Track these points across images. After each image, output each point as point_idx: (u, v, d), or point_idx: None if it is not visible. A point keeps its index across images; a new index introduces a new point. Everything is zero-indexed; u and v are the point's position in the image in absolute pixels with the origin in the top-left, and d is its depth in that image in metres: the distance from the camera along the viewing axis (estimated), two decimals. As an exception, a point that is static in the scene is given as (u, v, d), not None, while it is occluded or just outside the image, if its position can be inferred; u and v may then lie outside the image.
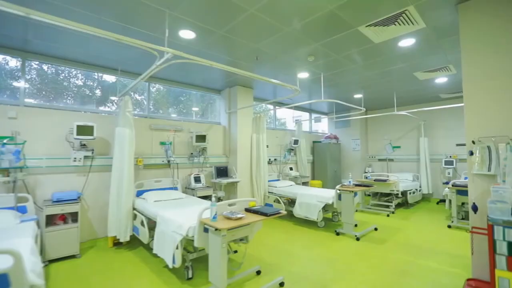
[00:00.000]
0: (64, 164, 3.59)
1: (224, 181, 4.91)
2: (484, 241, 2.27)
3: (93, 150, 3.75)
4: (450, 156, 6.76)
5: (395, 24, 2.95)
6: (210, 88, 5.66)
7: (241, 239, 2.78)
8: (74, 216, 3.36)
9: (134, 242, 3.80)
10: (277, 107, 6.95)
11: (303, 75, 4.69)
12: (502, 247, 1.87)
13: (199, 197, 4.44)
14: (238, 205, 2.77)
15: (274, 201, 5.28)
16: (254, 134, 5.57)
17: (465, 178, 6.23)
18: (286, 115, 7.90)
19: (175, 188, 4.48)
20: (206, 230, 2.40)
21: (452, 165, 6.58)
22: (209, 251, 2.34)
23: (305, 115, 8.21)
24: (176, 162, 4.72)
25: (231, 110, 5.52)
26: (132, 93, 4.79)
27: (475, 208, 2.31)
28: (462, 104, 5.12)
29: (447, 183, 6.62)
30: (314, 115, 8.44)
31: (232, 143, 5.46)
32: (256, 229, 2.87)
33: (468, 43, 2.49)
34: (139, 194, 4.05)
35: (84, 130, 3.53)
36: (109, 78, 4.44)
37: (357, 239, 3.94)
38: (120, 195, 3.56)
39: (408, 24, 2.95)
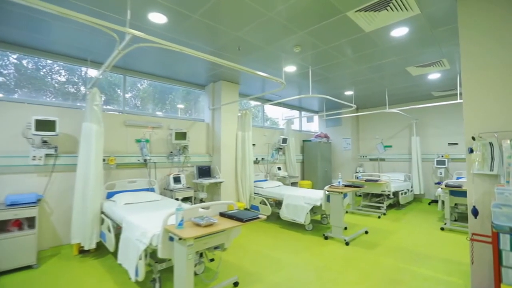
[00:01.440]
0: (22, 163, 3.20)
1: (206, 181, 4.59)
2: (486, 250, 2.03)
3: (56, 147, 3.37)
4: (442, 156, 6.59)
5: (387, 10, 2.69)
6: (194, 84, 5.33)
7: (216, 247, 2.47)
8: (31, 222, 2.98)
9: (103, 249, 3.45)
10: (262, 103, 6.65)
11: (290, 68, 4.41)
12: (509, 259, 1.62)
13: (177, 199, 4.11)
14: (213, 208, 2.46)
15: (260, 203, 4.99)
16: (240, 132, 5.26)
17: (457, 178, 6.07)
18: (278, 114, 7.62)
19: (152, 190, 4.14)
20: (172, 238, 2.08)
21: (444, 165, 6.42)
22: (174, 263, 2.02)
23: (298, 114, 7.95)
24: (154, 161, 4.37)
25: (215, 106, 5.19)
26: (117, 89, 4.43)
27: (475, 212, 2.06)
28: (455, 101, 4.96)
29: (439, 183, 6.45)
30: (304, 114, 8.18)
31: (216, 141, 5.14)
32: (233, 235, 2.57)
33: (467, 30, 2.25)
34: (110, 196, 3.69)
35: (44, 125, 3.16)
36: (82, 70, 4.07)
37: (347, 243, 3.68)
38: (86, 197, 3.19)
39: (401, 10, 2.69)
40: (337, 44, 3.49)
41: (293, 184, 6.44)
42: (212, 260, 2.93)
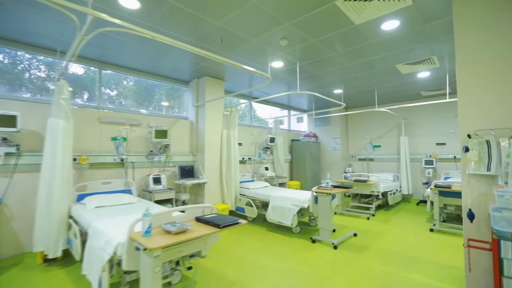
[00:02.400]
0: (-23, 163, 2.88)
1: (189, 182, 4.33)
2: (483, 256, 1.88)
3: (18, 145, 3.06)
4: (430, 156, 6.56)
5: (378, -1, 2.52)
6: (177, 80, 5.07)
7: (191, 256, 2.24)
8: (-14, 228, 2.67)
9: (71, 257, 3.14)
10: (247, 100, 6.44)
11: (277, 64, 4.21)
12: (511, 268, 1.46)
13: (156, 201, 3.85)
14: (189, 212, 2.23)
15: (246, 204, 4.77)
16: (225, 130, 5.03)
17: (445, 178, 6.04)
18: (267, 114, 7.42)
19: (129, 191, 3.85)
20: (138, 248, 1.83)
21: (432, 165, 6.38)
22: (140, 276, 1.78)
23: (287, 114, 7.78)
24: (132, 160, 4.09)
25: (199, 103, 4.94)
26: (102, 88, 4.12)
27: (471, 216, 1.90)
28: (445, 100, 4.90)
29: (427, 183, 6.41)
30: (293, 113, 8.01)
31: (200, 140, 4.89)
32: (211, 242, 2.35)
33: (462, 22, 2.10)
34: (80, 198, 3.39)
35: (3, 120, 2.84)
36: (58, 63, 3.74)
37: (335, 247, 3.51)
38: (51, 201, 2.89)
39: (393, 0, 2.53)
40: (326, 38, 3.31)
41: (281, 184, 6.25)
42: (189, 268, 2.69)
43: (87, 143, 3.70)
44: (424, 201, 6.45)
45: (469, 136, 1.97)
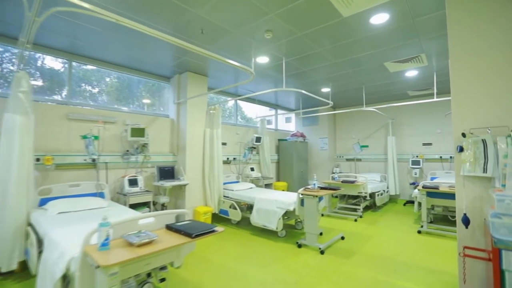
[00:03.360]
0: None
1: (168, 184, 4.06)
2: (479, 265, 1.73)
3: (-32, 144, 2.71)
4: (417, 156, 6.53)
5: (367, -11, 2.36)
6: (158, 75, 4.78)
7: (162, 268, 2.00)
8: None
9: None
10: (234, 99, 6.22)
11: (263, 59, 4.01)
12: (514, 282, 1.31)
13: (132, 205, 3.56)
14: (159, 219, 1.98)
15: (230, 207, 4.54)
16: (208, 129, 4.78)
17: (431, 178, 6.01)
18: (255, 113, 7.19)
19: (100, 195, 3.55)
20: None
21: (419, 165, 6.35)
22: (95, 297, 1.52)
23: (274, 113, 7.59)
24: (105, 161, 3.78)
25: (180, 100, 4.67)
26: (83, 84, 3.80)
27: (466, 221, 1.76)
28: (432, 100, 4.84)
29: (414, 183, 6.38)
30: (280, 112, 7.84)
31: (181, 139, 4.63)
32: (186, 251, 2.11)
33: (455, 11, 1.96)
34: (43, 203, 3.07)
35: (-51, 115, 2.49)
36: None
37: (322, 252, 3.33)
38: (5, 206, 2.57)
39: (383, -10, 2.38)
40: (313, 32, 3.13)
41: (268, 185, 6.06)
42: (162, 280, 2.44)
43: (53, 141, 3.37)
44: (411, 202, 6.41)
45: (463, 134, 1.83)
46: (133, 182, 3.86)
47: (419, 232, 4.21)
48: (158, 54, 3.82)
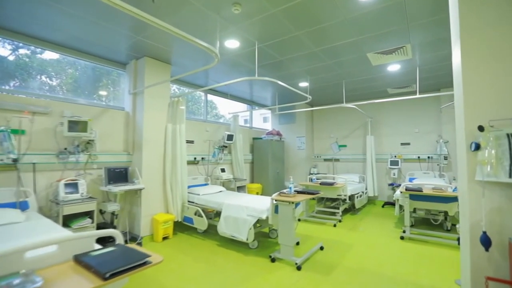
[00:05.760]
0: None
1: (118, 188, 3.38)
2: (504, 301, 1.31)
3: None
4: (395, 156, 6.33)
5: None
6: (112, 61, 4.05)
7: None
8: None
9: None
10: (193, 90, 5.62)
11: (232, 43, 3.46)
12: None
13: (67, 216, 2.87)
14: (63, 246, 1.36)
15: (195, 214, 3.94)
16: (170, 124, 4.13)
17: (410, 179, 5.82)
18: (229, 110, 6.61)
19: (23, 204, 2.80)
20: None
21: (397, 165, 6.14)
22: None
23: (252, 109, 7.06)
24: (32, 161, 3.02)
25: (136, 89, 3.99)
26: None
27: (487, 242, 1.33)
28: (415, 96, 4.51)
29: (392, 184, 6.16)
30: (256, 108, 7.33)
31: (137, 136, 3.94)
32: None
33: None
34: None
35: None
36: None
37: (298, 268, 2.85)
38: None
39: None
40: (289, 7, 2.63)
41: (240, 188, 5.51)
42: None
43: (-45, 136, 2.58)
44: (390, 203, 6.19)
45: (481, 128, 1.40)
46: (71, 187, 3.13)
47: (402, 238, 3.88)
48: (106, 31, 3.12)
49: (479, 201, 1.42)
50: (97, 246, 1.51)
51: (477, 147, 1.41)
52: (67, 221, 2.97)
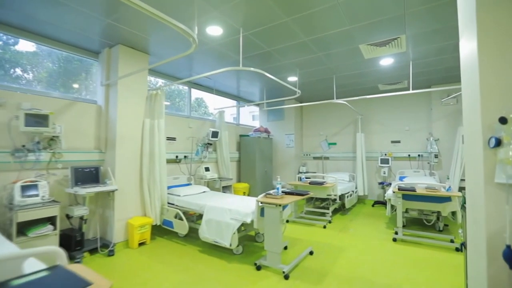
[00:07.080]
0: None
1: (86, 190, 3.01)
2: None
3: None
4: (386, 154, 6.19)
5: None
6: (83, 48, 3.65)
7: None
8: None
9: None
10: (171, 82, 5.28)
11: (215, 30, 3.15)
12: None
13: (25, 222, 2.50)
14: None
15: (175, 217, 3.62)
16: (147, 119, 3.79)
17: (400, 178, 5.69)
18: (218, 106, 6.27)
19: (-32, 209, 2.41)
20: None
21: (388, 163, 6.00)
22: None
23: (239, 105, 6.74)
24: (-18, 160, 2.62)
25: (110, 80, 3.62)
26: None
27: (511, 258, 1.10)
28: (408, 92, 4.29)
29: (382, 183, 6.02)
30: (244, 105, 7.02)
31: (111, 132, 3.58)
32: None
33: None
34: None
35: None
36: None
37: (286, 277, 2.59)
38: None
39: None
40: (277, -12, 2.35)
41: (226, 188, 5.22)
42: None
43: None
44: (380, 202, 6.05)
45: (502, 120, 1.17)
46: (29, 190, 2.75)
47: (394, 240, 3.70)
48: (72, 12, 2.74)
49: (500, 208, 1.19)
50: (30, 268, 1.19)
51: (498, 143, 1.17)
52: (24, 228, 2.60)
